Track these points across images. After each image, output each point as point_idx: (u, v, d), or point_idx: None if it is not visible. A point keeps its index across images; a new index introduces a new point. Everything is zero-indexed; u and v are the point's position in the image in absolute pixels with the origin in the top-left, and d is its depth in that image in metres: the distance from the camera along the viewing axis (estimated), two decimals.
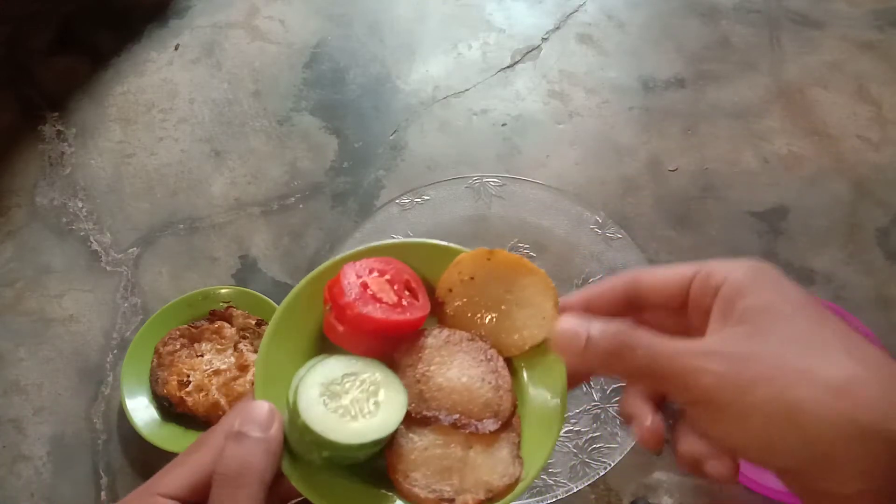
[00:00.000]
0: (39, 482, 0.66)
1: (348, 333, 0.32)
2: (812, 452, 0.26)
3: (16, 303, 0.76)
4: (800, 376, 0.26)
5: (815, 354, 0.27)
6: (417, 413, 0.32)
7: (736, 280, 0.30)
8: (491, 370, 0.33)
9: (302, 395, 0.29)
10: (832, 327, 0.28)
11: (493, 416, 0.32)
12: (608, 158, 0.83)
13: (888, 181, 0.80)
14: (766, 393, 0.26)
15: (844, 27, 0.94)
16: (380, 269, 0.34)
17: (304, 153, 0.86)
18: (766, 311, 0.28)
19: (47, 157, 0.87)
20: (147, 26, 0.99)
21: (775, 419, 0.26)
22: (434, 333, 0.34)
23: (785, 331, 0.28)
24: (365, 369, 0.32)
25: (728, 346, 0.28)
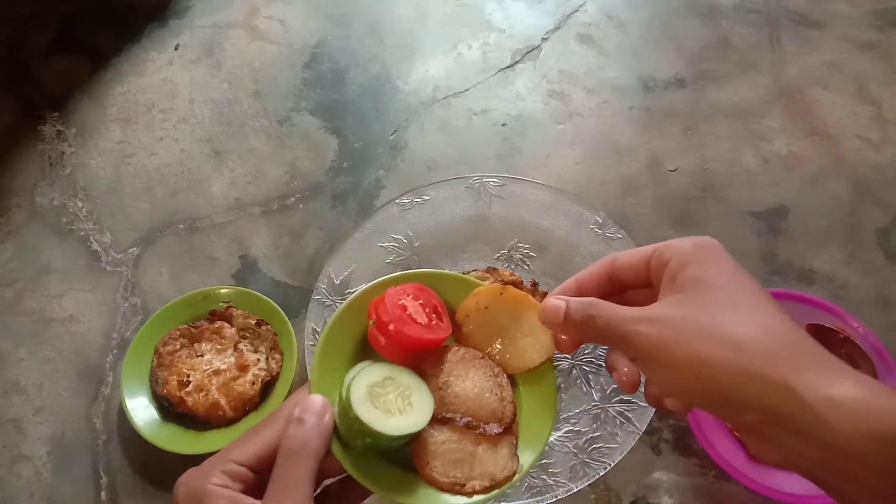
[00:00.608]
0: (39, 482, 0.66)
1: (388, 345, 0.39)
2: (718, 395, 0.32)
3: (16, 303, 0.76)
4: (708, 335, 0.32)
5: (725, 316, 0.33)
6: (438, 414, 0.39)
7: (681, 255, 0.36)
8: (497, 384, 0.40)
9: (354, 393, 0.36)
10: (748, 294, 0.34)
11: (497, 421, 0.39)
12: (608, 158, 0.83)
13: (888, 181, 0.80)
14: (682, 350, 0.32)
15: (844, 27, 0.94)
16: (415, 294, 0.41)
17: (304, 153, 0.86)
18: (698, 280, 0.34)
19: (47, 157, 0.87)
20: (147, 26, 0.99)
21: (689, 370, 0.32)
22: (454, 350, 0.41)
23: (708, 296, 0.34)
24: (401, 376, 0.39)
25: (660, 312, 0.34)
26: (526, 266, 0.73)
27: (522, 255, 0.74)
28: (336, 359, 0.39)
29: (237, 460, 0.34)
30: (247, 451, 0.34)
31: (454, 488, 0.37)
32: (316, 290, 0.68)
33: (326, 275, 0.69)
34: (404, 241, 0.73)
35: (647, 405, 0.62)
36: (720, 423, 0.63)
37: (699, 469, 0.64)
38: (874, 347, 0.63)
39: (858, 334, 0.64)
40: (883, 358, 0.63)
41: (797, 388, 0.30)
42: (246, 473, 0.34)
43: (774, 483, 0.59)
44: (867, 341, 0.63)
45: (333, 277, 0.70)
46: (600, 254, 0.71)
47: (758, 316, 0.33)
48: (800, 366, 0.31)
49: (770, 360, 0.31)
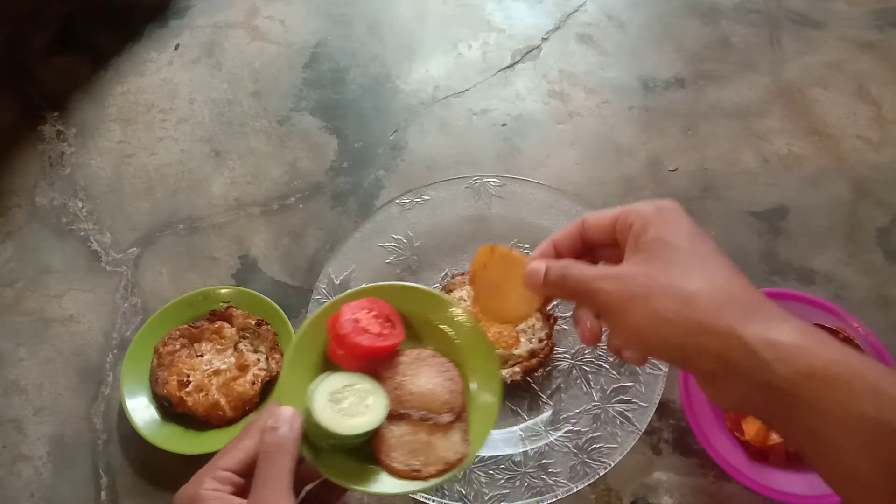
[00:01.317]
0: (39, 482, 0.66)
1: (345, 356, 0.44)
2: (673, 346, 0.36)
3: (16, 303, 0.76)
4: (664, 291, 0.36)
5: (681, 273, 0.36)
6: (395, 411, 0.44)
7: (643, 217, 0.39)
8: (448, 378, 0.45)
9: (314, 402, 0.41)
10: (703, 254, 0.37)
11: (449, 411, 0.44)
12: (608, 158, 0.83)
13: (888, 181, 0.80)
14: (641, 304, 0.36)
15: (844, 27, 0.94)
16: (368, 307, 0.46)
17: (304, 153, 0.86)
18: (658, 241, 0.37)
19: (47, 157, 0.87)
20: (147, 26, 0.99)
21: (646, 323, 0.36)
22: (407, 353, 0.46)
23: (666, 256, 0.37)
24: (358, 381, 0.44)
25: (623, 270, 0.38)
26: None
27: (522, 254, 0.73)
28: (301, 373, 0.44)
29: (224, 467, 0.38)
30: (232, 458, 0.38)
31: (412, 475, 0.42)
32: (316, 290, 0.68)
33: (326, 275, 0.69)
34: (404, 241, 0.73)
35: (647, 405, 0.62)
36: (720, 423, 0.63)
37: (699, 469, 0.64)
38: (874, 347, 0.63)
39: (858, 334, 0.64)
40: (883, 358, 0.63)
41: (743, 336, 0.33)
42: (233, 478, 0.38)
43: (774, 483, 0.59)
44: (867, 341, 0.63)
45: (333, 277, 0.70)
46: None
47: (710, 273, 0.36)
48: (747, 316, 0.34)
49: (719, 312, 0.34)
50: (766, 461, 0.61)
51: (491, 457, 0.62)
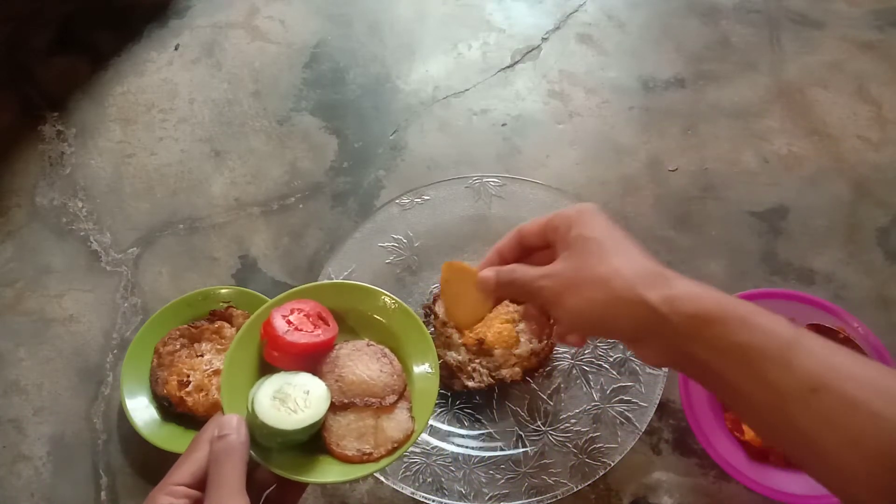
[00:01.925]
0: (39, 482, 0.66)
1: (282, 356, 0.46)
2: (600, 322, 0.43)
3: (16, 303, 0.76)
4: (589, 280, 0.43)
5: (598, 261, 0.43)
6: (340, 402, 0.46)
7: (566, 219, 0.46)
8: (386, 363, 0.48)
9: (258, 404, 0.42)
10: (617, 243, 0.44)
11: (391, 392, 0.47)
12: (608, 158, 0.83)
13: (888, 181, 0.80)
14: (573, 295, 0.44)
15: (844, 27, 0.94)
16: (298, 307, 0.48)
17: (304, 153, 0.86)
18: (580, 238, 0.44)
19: (47, 157, 0.87)
20: (147, 26, 0.99)
21: (578, 308, 0.44)
22: (343, 346, 0.49)
23: (588, 249, 0.44)
24: (297, 378, 0.45)
25: (555, 268, 0.45)
26: None
27: None
28: (241, 380, 0.46)
29: (177, 482, 0.40)
30: (183, 472, 0.40)
31: (364, 458, 0.45)
32: None
33: (326, 275, 0.70)
34: (404, 241, 0.73)
35: (647, 405, 0.62)
36: (720, 423, 0.63)
37: (699, 469, 0.64)
38: (874, 347, 0.63)
39: (858, 334, 0.64)
40: (883, 358, 0.63)
41: (647, 299, 0.40)
42: (187, 491, 0.39)
43: (774, 483, 0.59)
44: (867, 341, 0.63)
45: (333, 277, 0.70)
46: None
47: (623, 256, 0.43)
48: (652, 284, 0.41)
49: (630, 285, 0.41)
50: (766, 461, 0.61)
51: (491, 457, 0.62)
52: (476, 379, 0.64)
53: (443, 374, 0.66)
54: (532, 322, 0.49)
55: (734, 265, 0.75)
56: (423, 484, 0.59)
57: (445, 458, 0.62)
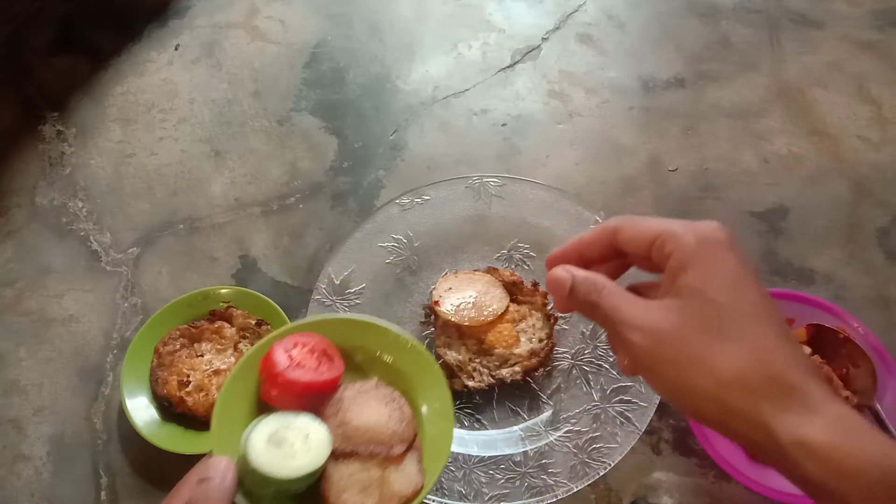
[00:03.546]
0: (39, 482, 0.66)
1: (280, 395, 0.42)
2: (701, 418, 0.34)
3: (16, 303, 0.76)
4: (695, 363, 0.33)
5: (715, 344, 0.33)
6: (342, 450, 0.41)
7: (682, 252, 0.35)
8: (395, 408, 0.43)
9: (250, 447, 0.38)
10: (744, 315, 0.34)
11: (400, 441, 0.42)
12: (608, 158, 0.83)
13: (888, 181, 0.80)
14: (670, 370, 0.34)
15: (844, 27, 0.94)
16: (302, 342, 0.44)
17: (304, 153, 0.86)
18: (697, 293, 0.34)
19: (47, 157, 0.87)
20: (147, 26, 0.99)
21: (675, 390, 0.35)
22: (349, 386, 0.44)
23: (704, 314, 0.34)
24: (297, 420, 0.41)
25: (655, 323, 0.35)
26: (526, 266, 0.73)
27: (522, 255, 0.74)
28: (235, 420, 0.42)
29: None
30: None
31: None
32: (316, 290, 0.69)
33: (326, 275, 0.70)
34: (404, 241, 0.73)
35: (647, 405, 0.62)
36: None
37: (699, 469, 0.64)
38: (874, 347, 0.63)
39: (858, 334, 0.64)
40: (883, 358, 0.63)
41: (774, 430, 0.31)
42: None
43: (774, 483, 0.59)
44: (867, 341, 0.63)
45: (333, 277, 0.70)
46: None
47: (749, 344, 0.33)
48: (781, 405, 0.32)
49: (752, 400, 0.32)
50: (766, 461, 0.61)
51: (491, 457, 0.62)
52: (476, 379, 0.64)
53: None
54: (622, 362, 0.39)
55: None
56: None
57: None
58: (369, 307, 0.69)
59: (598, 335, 0.68)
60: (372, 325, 0.46)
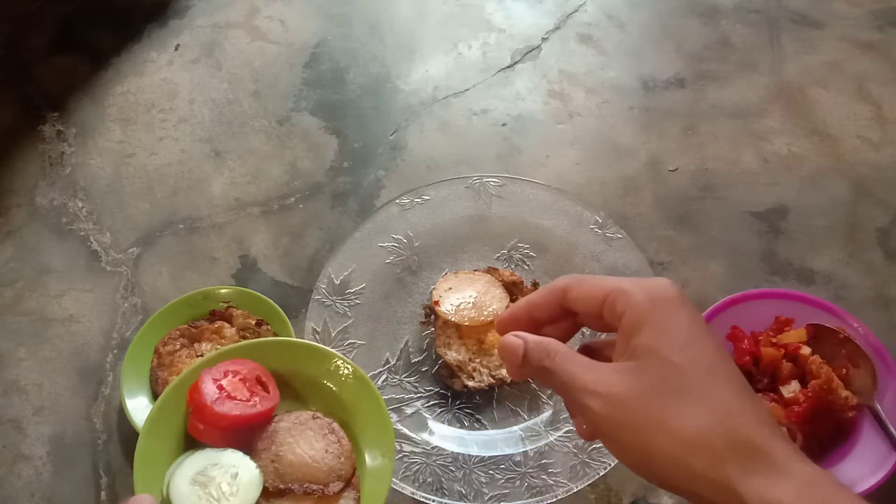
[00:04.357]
0: (39, 482, 0.66)
1: (209, 429, 0.39)
2: (665, 483, 0.33)
3: (16, 303, 0.76)
4: (657, 427, 0.32)
5: (676, 406, 0.32)
6: (274, 487, 0.38)
7: (634, 311, 0.34)
8: (333, 441, 0.40)
9: (173, 488, 0.36)
10: (702, 374, 0.33)
11: (337, 478, 0.39)
12: (608, 158, 0.83)
13: (888, 181, 0.80)
14: (631, 436, 0.33)
15: (844, 27, 0.94)
16: (234, 370, 0.40)
17: (304, 153, 0.86)
18: (652, 353, 0.33)
19: (47, 157, 0.87)
20: (147, 26, 0.99)
21: (637, 456, 0.33)
22: (284, 417, 0.41)
23: (661, 376, 0.33)
24: (225, 459, 0.38)
25: (612, 387, 0.33)
26: (526, 266, 0.73)
27: (522, 255, 0.74)
28: (159, 455, 0.39)
29: None
30: None
31: None
32: (316, 290, 0.69)
33: (326, 275, 0.70)
34: (404, 241, 0.73)
35: None
36: None
37: None
38: (874, 347, 0.63)
39: (858, 334, 0.64)
40: (883, 358, 0.63)
41: (742, 494, 0.30)
42: None
43: None
44: (867, 341, 0.63)
45: (333, 277, 0.70)
46: (600, 254, 0.71)
47: (710, 405, 0.32)
48: (745, 467, 0.31)
49: (716, 462, 0.31)
50: None
51: (491, 457, 0.62)
52: (476, 379, 0.64)
53: (443, 374, 0.66)
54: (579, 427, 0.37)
55: (734, 265, 0.75)
56: (422, 484, 0.59)
57: (445, 458, 0.62)
58: (369, 307, 0.70)
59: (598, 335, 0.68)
60: (311, 348, 0.44)
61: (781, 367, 0.62)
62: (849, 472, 0.58)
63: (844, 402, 0.60)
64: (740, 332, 0.64)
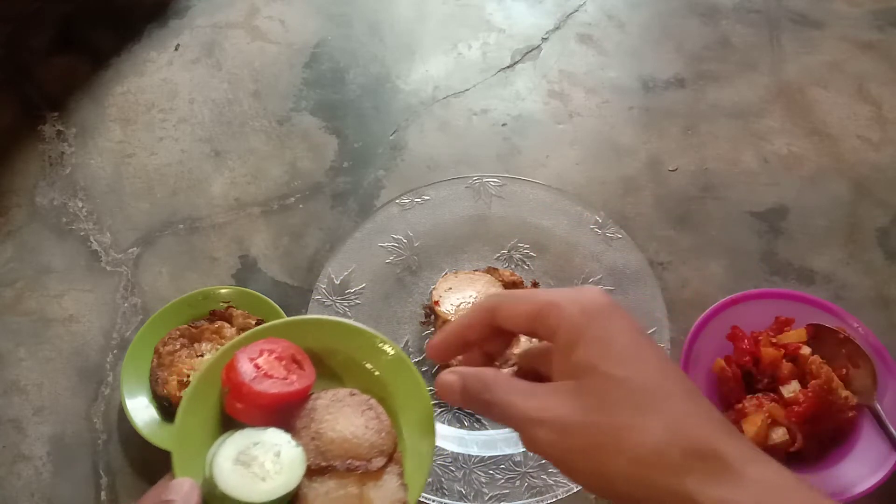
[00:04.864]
0: (39, 482, 0.66)
1: (247, 409, 0.38)
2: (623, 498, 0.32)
3: (16, 303, 0.76)
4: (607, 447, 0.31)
5: (624, 422, 0.31)
6: (316, 465, 0.38)
7: (568, 326, 0.33)
8: (373, 417, 0.40)
9: (217, 468, 0.35)
10: (646, 383, 0.32)
11: (379, 454, 0.38)
12: (608, 158, 0.83)
13: (888, 181, 0.80)
14: (582, 461, 0.32)
15: (844, 27, 0.94)
16: (269, 349, 0.40)
17: (304, 153, 0.86)
18: (591, 370, 0.32)
19: (47, 157, 0.87)
20: (147, 26, 0.99)
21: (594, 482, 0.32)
22: (321, 395, 0.41)
23: (604, 393, 0.32)
24: (266, 436, 0.38)
25: (556, 412, 0.32)
26: (526, 266, 0.73)
27: (522, 255, 0.74)
28: (197, 436, 0.38)
29: None
30: None
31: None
32: (316, 290, 0.69)
33: (326, 275, 0.70)
34: (404, 241, 0.74)
35: None
36: None
37: None
38: (874, 347, 0.63)
39: (858, 334, 0.64)
40: (883, 358, 0.63)
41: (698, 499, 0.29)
42: None
43: None
44: (867, 341, 0.63)
45: (333, 277, 0.70)
46: (600, 254, 0.71)
47: (659, 418, 0.31)
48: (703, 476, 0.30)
49: (674, 474, 0.30)
50: None
51: (491, 457, 0.62)
52: None
53: None
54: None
55: (734, 265, 0.75)
56: None
57: (445, 458, 0.62)
58: (369, 307, 0.70)
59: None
60: (344, 325, 0.43)
61: (781, 367, 0.62)
62: (849, 472, 0.58)
63: (844, 402, 0.60)
64: (740, 332, 0.64)
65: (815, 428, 0.59)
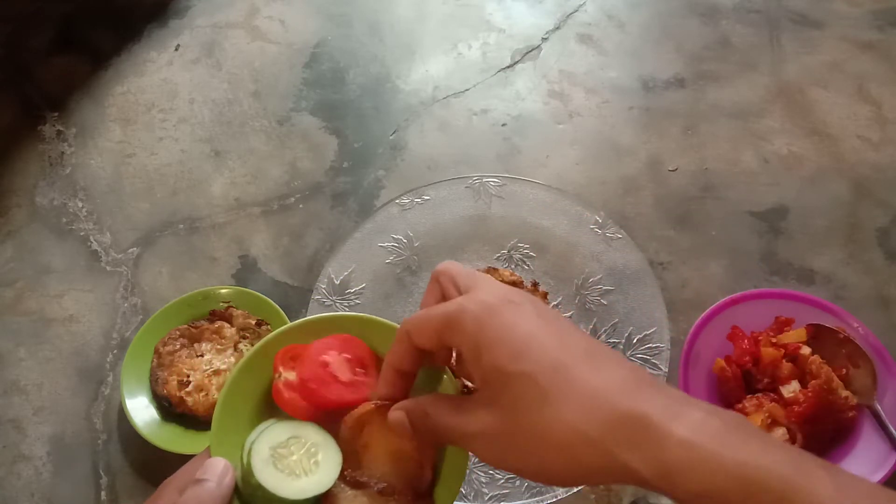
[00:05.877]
0: (39, 482, 0.66)
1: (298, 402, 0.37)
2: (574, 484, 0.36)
3: (16, 303, 0.76)
4: (537, 444, 0.31)
5: (540, 415, 0.31)
6: (353, 476, 0.37)
7: (468, 339, 0.33)
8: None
9: (255, 458, 0.35)
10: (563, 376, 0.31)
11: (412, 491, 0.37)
12: (608, 158, 0.83)
13: (888, 181, 0.80)
14: (520, 462, 0.33)
15: (844, 27, 0.94)
16: (341, 347, 0.39)
17: (304, 153, 0.86)
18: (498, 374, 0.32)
19: (47, 157, 0.87)
20: (147, 26, 0.99)
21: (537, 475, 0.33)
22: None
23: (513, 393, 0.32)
24: (307, 433, 0.37)
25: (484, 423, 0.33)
26: (526, 266, 0.73)
27: (522, 255, 0.74)
28: (238, 419, 0.37)
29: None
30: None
31: None
32: (316, 290, 0.69)
33: (326, 275, 0.70)
34: (404, 241, 0.74)
35: None
36: None
37: None
38: (874, 347, 0.63)
39: (858, 334, 0.64)
40: (883, 358, 0.63)
41: (637, 470, 0.29)
42: None
43: None
44: (867, 341, 0.63)
45: (333, 277, 0.70)
46: (600, 254, 0.71)
47: (571, 398, 0.31)
48: (636, 445, 0.30)
49: (602, 450, 0.30)
50: None
51: None
52: None
53: None
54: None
55: (734, 265, 0.75)
56: None
57: None
58: (369, 307, 0.70)
59: (598, 333, 0.68)
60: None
61: (781, 367, 0.62)
62: None
63: (844, 402, 0.60)
64: (740, 332, 0.64)
65: (815, 428, 0.59)
